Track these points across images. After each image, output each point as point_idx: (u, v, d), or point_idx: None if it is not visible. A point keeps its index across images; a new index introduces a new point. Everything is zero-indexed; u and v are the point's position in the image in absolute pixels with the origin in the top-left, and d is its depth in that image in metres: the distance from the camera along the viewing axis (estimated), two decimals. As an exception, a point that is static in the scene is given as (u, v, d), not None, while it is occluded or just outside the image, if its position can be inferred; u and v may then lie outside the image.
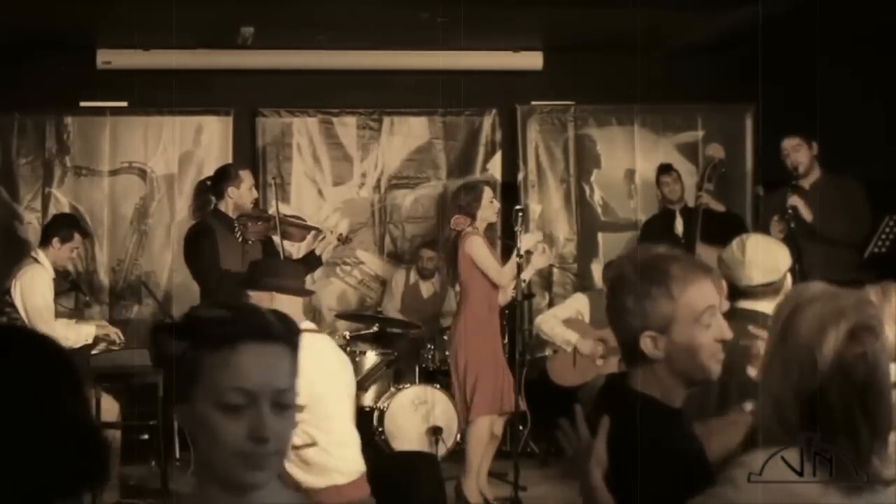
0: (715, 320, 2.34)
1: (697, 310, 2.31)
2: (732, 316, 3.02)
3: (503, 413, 6.30)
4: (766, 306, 3.12)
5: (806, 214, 6.34)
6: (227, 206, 6.22)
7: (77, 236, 6.60)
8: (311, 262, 6.49)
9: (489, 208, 6.29)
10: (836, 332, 2.09)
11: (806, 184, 6.52)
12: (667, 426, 2.33)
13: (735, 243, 3.33)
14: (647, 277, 2.30)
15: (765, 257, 3.26)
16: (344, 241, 6.70)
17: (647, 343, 2.30)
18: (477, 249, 6.17)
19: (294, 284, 4.32)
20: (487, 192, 6.34)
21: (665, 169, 7.78)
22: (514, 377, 6.38)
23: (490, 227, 6.47)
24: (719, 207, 7.28)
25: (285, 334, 1.74)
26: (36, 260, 6.44)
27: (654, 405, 2.33)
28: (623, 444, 2.25)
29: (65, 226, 6.65)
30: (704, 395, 2.91)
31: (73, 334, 6.39)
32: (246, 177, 6.31)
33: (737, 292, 3.26)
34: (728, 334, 2.36)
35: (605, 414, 2.30)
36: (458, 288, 6.55)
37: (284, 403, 1.71)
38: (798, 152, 6.52)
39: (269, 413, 1.68)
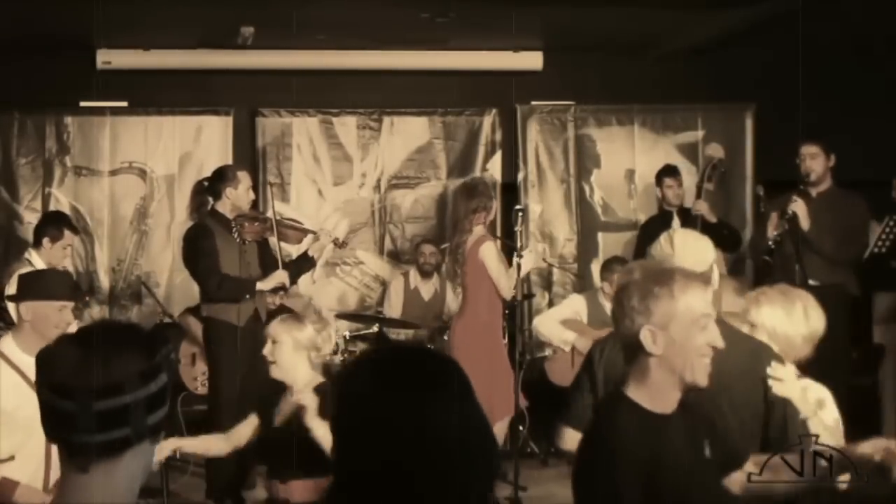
0: (710, 326, 2.50)
1: (695, 312, 2.48)
2: None
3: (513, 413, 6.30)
4: None
5: (804, 222, 6.32)
6: (225, 207, 6.22)
7: (67, 233, 6.55)
8: (304, 263, 6.50)
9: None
10: None
11: (814, 192, 6.51)
12: (647, 431, 2.46)
13: (663, 237, 3.43)
14: (652, 279, 2.50)
15: (692, 250, 3.33)
16: (340, 245, 6.71)
17: (647, 336, 2.48)
18: (490, 256, 6.18)
19: (63, 291, 4.43)
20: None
21: (669, 171, 7.69)
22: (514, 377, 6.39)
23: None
24: (712, 218, 7.28)
25: None
26: (29, 262, 6.41)
27: (638, 410, 2.49)
28: (600, 445, 2.45)
29: (53, 224, 6.60)
30: None
31: None
32: (244, 178, 6.31)
33: None
34: (720, 343, 2.52)
35: (596, 419, 2.53)
36: (458, 290, 6.54)
37: None
38: (815, 160, 6.50)
39: None
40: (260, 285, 6.12)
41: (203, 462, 6.35)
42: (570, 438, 3.33)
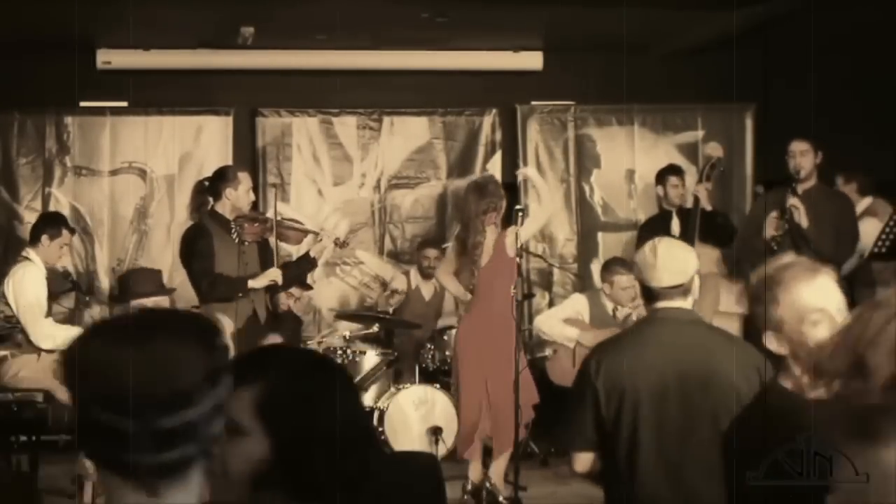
0: (824, 321, 2.53)
1: (801, 309, 2.55)
2: (655, 317, 3.36)
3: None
4: (681, 304, 3.38)
5: (803, 219, 6.32)
6: (224, 208, 6.21)
7: (65, 232, 6.61)
8: (305, 263, 6.49)
9: None
10: None
11: (800, 189, 6.50)
12: (791, 414, 2.50)
13: (648, 246, 3.42)
14: (768, 287, 2.59)
15: (674, 261, 3.35)
16: (341, 245, 6.70)
17: (770, 341, 2.58)
18: (514, 240, 6.15)
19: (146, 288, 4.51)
20: None
21: (674, 170, 7.67)
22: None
23: None
24: (707, 206, 7.26)
25: None
26: (27, 258, 6.46)
27: (784, 395, 2.57)
28: (751, 429, 2.55)
29: (51, 223, 6.66)
30: None
31: (62, 334, 6.37)
32: (244, 179, 6.29)
33: (650, 294, 3.40)
34: None
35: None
36: (467, 293, 6.48)
37: None
38: (804, 157, 6.50)
39: None
40: (252, 283, 6.11)
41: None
42: (583, 461, 3.37)
